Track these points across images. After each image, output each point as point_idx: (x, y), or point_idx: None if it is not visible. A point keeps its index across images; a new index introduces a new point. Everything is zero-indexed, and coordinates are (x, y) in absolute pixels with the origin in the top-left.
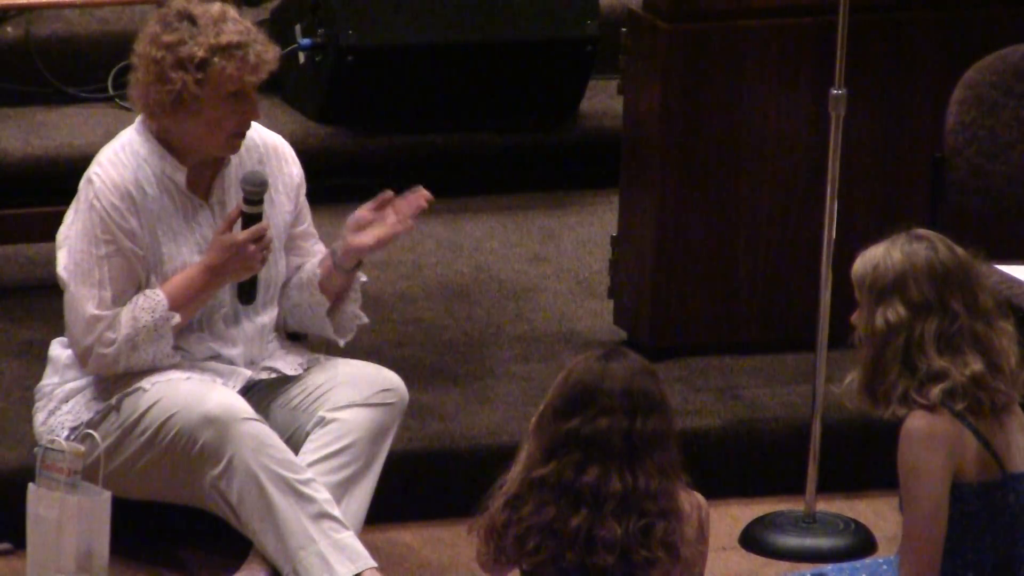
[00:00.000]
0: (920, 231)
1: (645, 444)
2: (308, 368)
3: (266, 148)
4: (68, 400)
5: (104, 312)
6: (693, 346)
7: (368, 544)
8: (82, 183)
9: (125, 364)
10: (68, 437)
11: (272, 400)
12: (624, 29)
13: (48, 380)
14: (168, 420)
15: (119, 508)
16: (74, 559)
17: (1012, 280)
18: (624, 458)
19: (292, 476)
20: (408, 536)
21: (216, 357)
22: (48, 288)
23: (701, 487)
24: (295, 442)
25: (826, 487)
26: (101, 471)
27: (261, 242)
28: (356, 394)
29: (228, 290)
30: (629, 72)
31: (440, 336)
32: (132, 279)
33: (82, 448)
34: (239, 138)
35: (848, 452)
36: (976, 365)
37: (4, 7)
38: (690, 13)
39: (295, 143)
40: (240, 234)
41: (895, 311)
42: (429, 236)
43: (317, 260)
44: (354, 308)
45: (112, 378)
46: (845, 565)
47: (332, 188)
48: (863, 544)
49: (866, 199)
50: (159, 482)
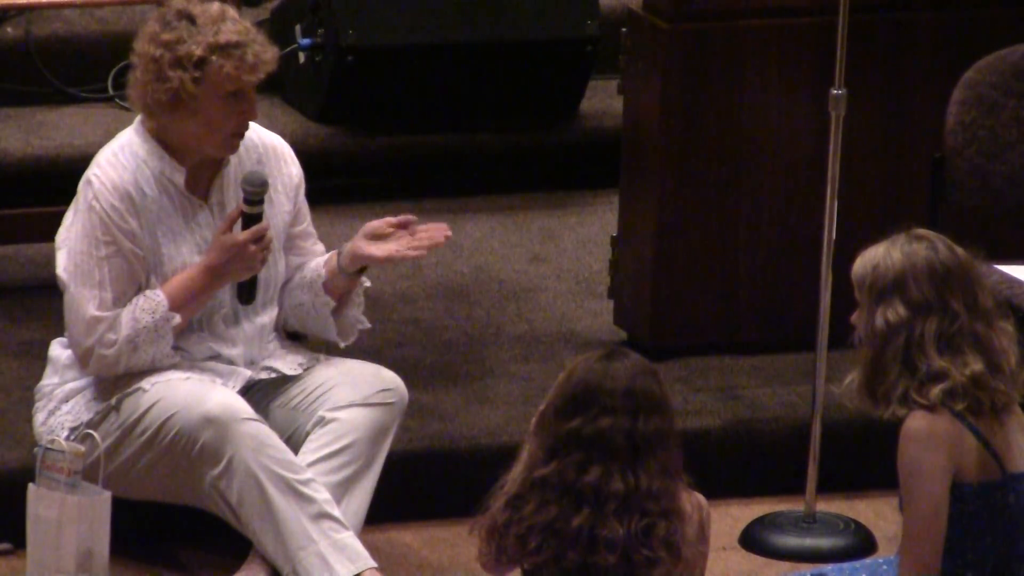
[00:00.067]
0: (920, 231)
1: (647, 444)
2: (308, 368)
3: (265, 148)
4: (68, 400)
5: (104, 313)
6: (693, 346)
7: (368, 544)
8: (81, 184)
9: (126, 365)
10: (68, 437)
11: (272, 400)
12: (624, 29)
13: (48, 380)
14: (168, 420)
15: (119, 508)
16: (74, 559)
17: (1012, 280)
18: (626, 458)
19: (292, 476)
20: (408, 536)
21: (216, 357)
22: (48, 288)
23: (701, 487)
24: (295, 442)
25: (826, 487)
26: (101, 471)
27: (262, 242)
28: (356, 394)
29: (228, 290)
30: (629, 72)
31: (440, 336)
32: (132, 280)
33: (82, 448)
34: (238, 138)
35: (848, 452)
36: (976, 365)
37: (4, 7)
38: (690, 13)
39: (295, 143)
40: (241, 234)
41: (895, 311)
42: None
43: (322, 260)
44: (357, 312)
45: (112, 378)
46: (845, 565)
47: (332, 188)
48: (863, 544)
49: (866, 199)
50: (159, 482)
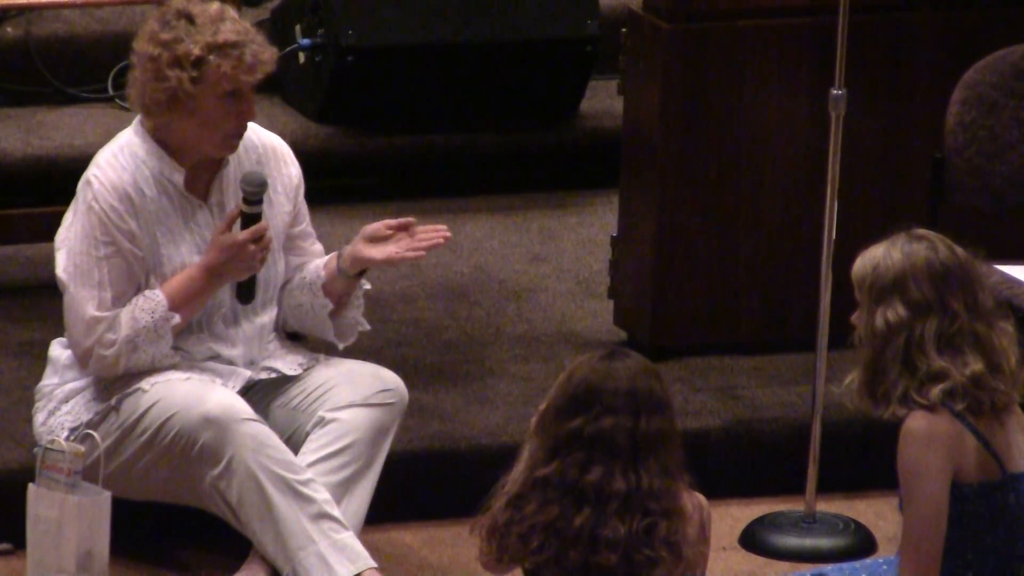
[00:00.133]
0: (920, 231)
1: (649, 444)
2: (308, 368)
3: (264, 149)
4: (68, 400)
5: (104, 313)
6: (693, 346)
7: (368, 544)
8: (80, 185)
9: (125, 365)
10: (68, 437)
11: (272, 400)
12: (624, 29)
13: (48, 380)
14: (168, 421)
15: (119, 508)
16: (74, 559)
17: (1012, 280)
18: (628, 457)
19: (291, 476)
20: (408, 536)
21: (215, 357)
22: (48, 288)
23: (701, 487)
24: (295, 442)
25: (826, 487)
26: (101, 471)
27: (261, 242)
28: (356, 394)
29: (227, 290)
30: (629, 72)
31: (440, 336)
32: (131, 280)
33: (82, 448)
34: (235, 138)
35: (848, 452)
36: (976, 365)
37: (4, 7)
38: (690, 13)
39: (295, 143)
40: (240, 234)
41: (895, 311)
42: None
43: (321, 262)
44: (356, 314)
45: (112, 379)
46: (845, 565)
47: (332, 188)
48: (863, 544)
49: (866, 199)
50: (159, 482)
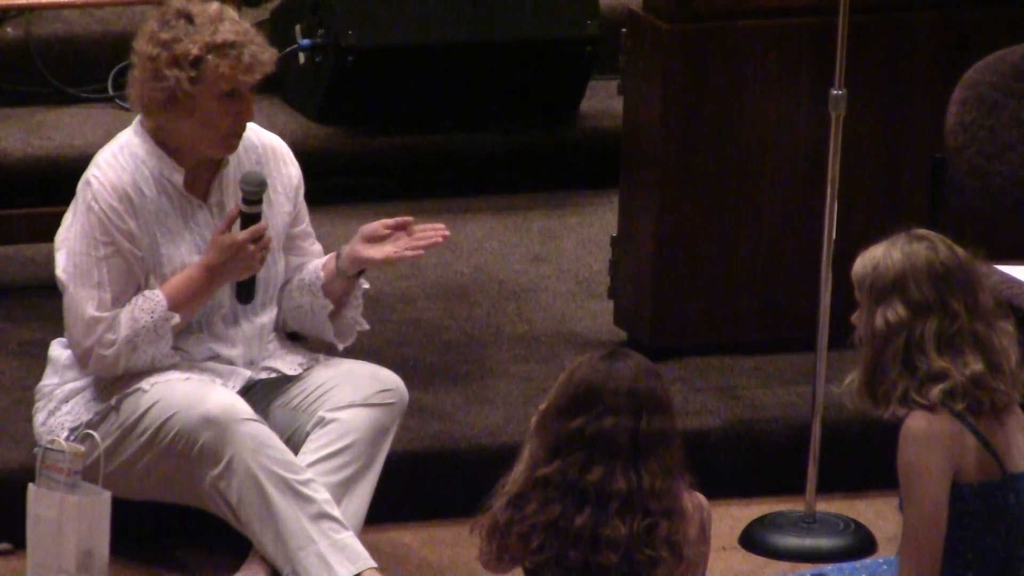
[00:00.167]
0: (920, 231)
1: (650, 443)
2: (308, 368)
3: (264, 149)
4: (68, 400)
5: (104, 313)
6: (693, 346)
7: (368, 544)
8: (80, 185)
9: (125, 365)
10: (68, 437)
11: (272, 400)
12: (624, 29)
13: (48, 380)
14: (168, 421)
15: (119, 508)
16: (74, 559)
17: (1012, 280)
18: (629, 457)
19: (291, 476)
20: (408, 536)
21: (215, 358)
22: (48, 288)
23: (701, 487)
24: (295, 442)
25: (826, 487)
26: (101, 471)
27: (260, 242)
28: (356, 394)
29: (227, 291)
30: (629, 72)
31: (440, 336)
32: (131, 280)
33: (82, 448)
34: (234, 139)
35: (848, 452)
36: (976, 365)
37: (4, 7)
38: (690, 13)
39: (295, 143)
40: (239, 234)
41: (895, 311)
42: None
43: (320, 263)
44: (355, 314)
45: (112, 379)
46: (845, 565)
47: (332, 188)
48: (863, 544)
49: (866, 199)
50: (159, 482)
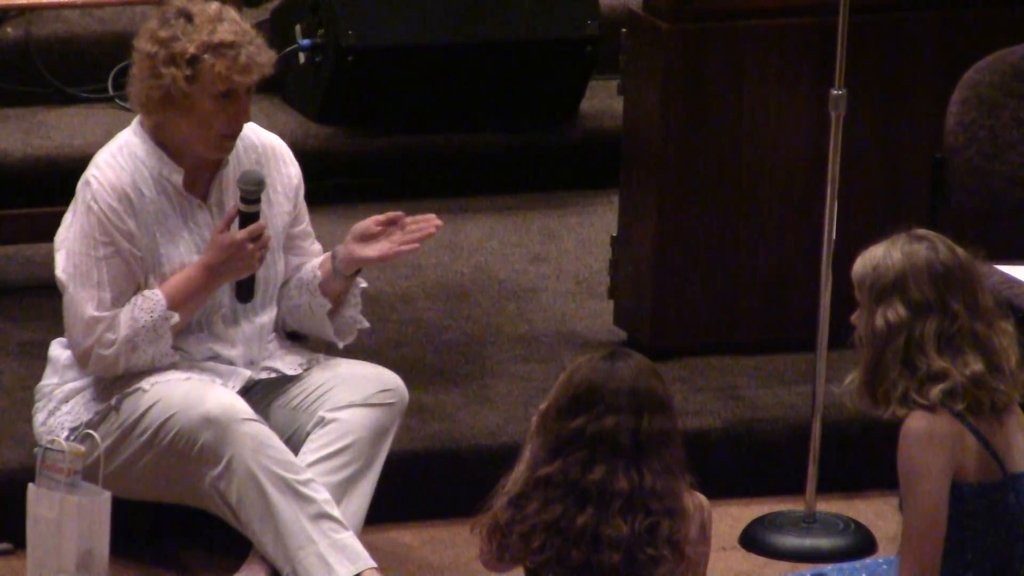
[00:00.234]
0: (920, 231)
1: (651, 443)
2: (308, 368)
3: (264, 149)
4: (68, 401)
5: (103, 313)
6: (693, 346)
7: (368, 544)
8: (80, 185)
9: (125, 364)
10: (68, 437)
11: (272, 400)
12: (624, 29)
13: (48, 380)
14: (167, 421)
15: (119, 508)
16: (74, 559)
17: (1012, 280)
18: (631, 456)
19: (291, 476)
20: (408, 536)
21: (215, 358)
22: (48, 288)
23: (701, 487)
24: (295, 442)
25: (826, 487)
26: (101, 471)
27: (259, 241)
28: (356, 394)
29: (227, 291)
30: (629, 72)
31: (440, 336)
32: (131, 280)
33: (82, 448)
34: (229, 140)
35: (848, 452)
36: (976, 365)
37: (4, 7)
38: (690, 13)
39: (295, 143)
40: (238, 233)
41: (895, 311)
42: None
43: (317, 262)
44: (354, 312)
45: (112, 379)
46: (845, 565)
47: (332, 188)
48: (863, 544)
49: (866, 199)
50: (159, 482)
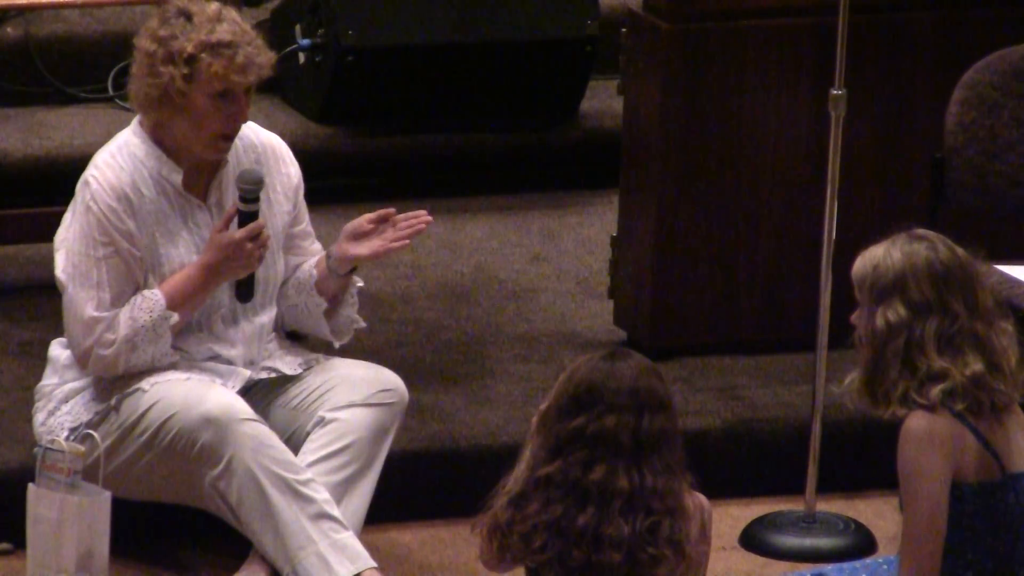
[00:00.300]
0: (920, 231)
1: (652, 442)
2: (308, 368)
3: (263, 148)
4: (68, 401)
5: (103, 313)
6: (693, 346)
7: (368, 544)
8: (79, 185)
9: (125, 364)
10: (68, 437)
11: (272, 400)
12: (624, 29)
13: (48, 380)
14: (167, 421)
15: (119, 508)
16: (74, 559)
17: (1012, 280)
18: (631, 456)
19: (291, 476)
20: (408, 536)
21: (215, 358)
22: (48, 288)
23: (701, 487)
24: (295, 442)
25: (826, 487)
26: (101, 471)
27: (258, 240)
28: (356, 394)
29: (227, 291)
30: (629, 72)
31: (440, 336)
32: (130, 280)
33: (82, 448)
34: (226, 140)
35: (848, 452)
36: (976, 365)
37: (4, 7)
38: (690, 13)
39: (295, 143)
40: (237, 232)
41: (895, 311)
42: (429, 236)
43: (313, 262)
44: (351, 312)
45: (111, 379)
46: (845, 565)
47: (332, 188)
48: (863, 544)
49: (866, 199)
50: (159, 482)
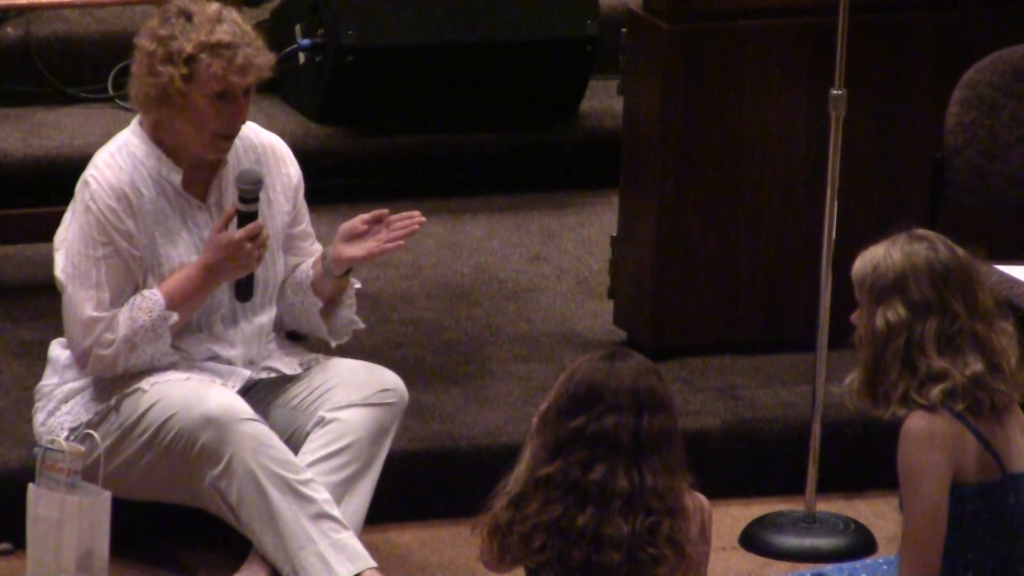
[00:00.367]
0: (920, 231)
1: (652, 442)
2: (308, 368)
3: (263, 148)
4: (68, 401)
5: (102, 313)
6: (693, 346)
7: (368, 544)
8: (79, 185)
9: (124, 364)
10: (68, 437)
11: (272, 400)
12: (624, 29)
13: (48, 380)
14: (168, 420)
15: (119, 508)
16: (74, 559)
17: (1012, 280)
18: (631, 456)
19: (291, 476)
20: (408, 536)
21: (215, 358)
22: (48, 288)
23: (701, 487)
24: (295, 442)
25: (826, 487)
26: (101, 471)
27: (257, 240)
28: (356, 394)
29: (226, 291)
30: (629, 72)
31: (440, 336)
32: (129, 280)
33: (82, 448)
34: (225, 140)
35: (848, 452)
36: (976, 365)
37: (4, 7)
38: (690, 13)
39: (295, 143)
40: (236, 232)
41: (895, 311)
42: (429, 236)
43: (310, 262)
44: (349, 313)
45: (111, 379)
46: (845, 565)
47: (332, 188)
48: (863, 544)
49: (866, 199)
50: (159, 482)
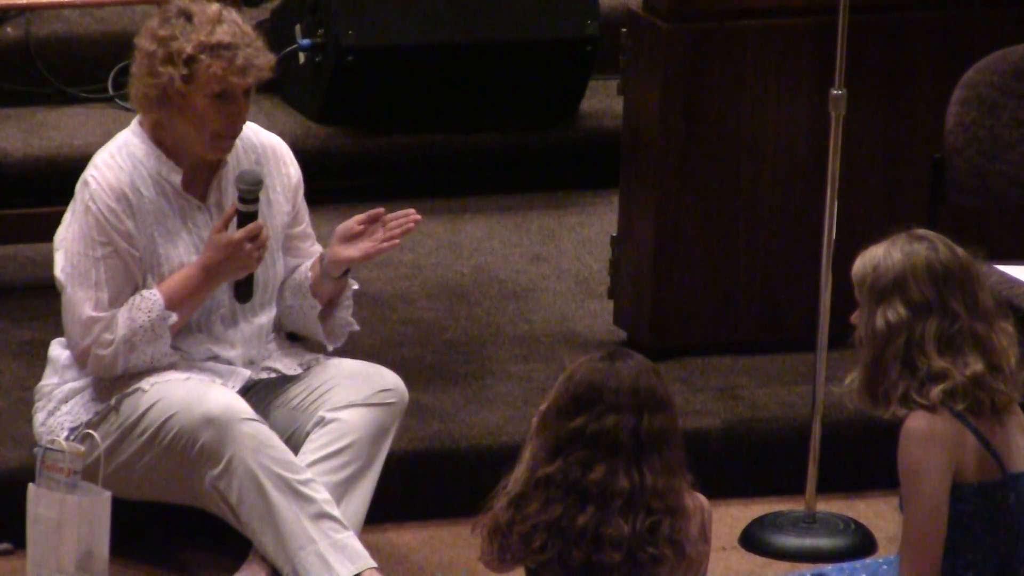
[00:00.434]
0: (920, 231)
1: (652, 442)
2: (308, 368)
3: (264, 149)
4: (68, 401)
5: (101, 314)
6: (693, 346)
7: (368, 544)
8: (78, 185)
9: (123, 365)
10: (68, 437)
11: (272, 400)
12: (624, 29)
13: (48, 380)
14: (168, 420)
15: (119, 508)
16: (74, 559)
17: (1012, 280)
18: (631, 456)
19: (291, 476)
20: (408, 536)
21: (214, 358)
22: (48, 288)
23: (701, 487)
24: (295, 442)
25: (826, 487)
26: (101, 471)
27: (257, 240)
28: (356, 394)
29: (226, 291)
30: (629, 72)
31: (440, 336)
32: (129, 281)
33: (82, 448)
34: (225, 140)
35: (848, 452)
36: (976, 365)
37: (4, 7)
38: (690, 13)
39: (295, 143)
40: (236, 233)
41: (895, 311)
42: (429, 236)
43: (308, 264)
44: (346, 315)
45: (111, 379)
46: (845, 565)
47: (332, 188)
48: (863, 544)
49: (866, 199)
50: (159, 482)
